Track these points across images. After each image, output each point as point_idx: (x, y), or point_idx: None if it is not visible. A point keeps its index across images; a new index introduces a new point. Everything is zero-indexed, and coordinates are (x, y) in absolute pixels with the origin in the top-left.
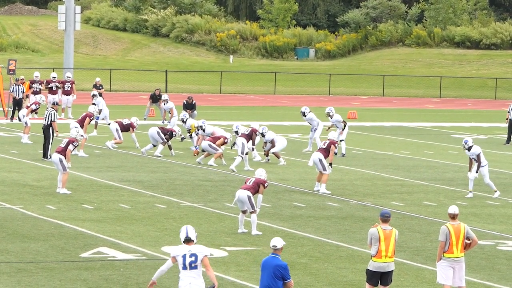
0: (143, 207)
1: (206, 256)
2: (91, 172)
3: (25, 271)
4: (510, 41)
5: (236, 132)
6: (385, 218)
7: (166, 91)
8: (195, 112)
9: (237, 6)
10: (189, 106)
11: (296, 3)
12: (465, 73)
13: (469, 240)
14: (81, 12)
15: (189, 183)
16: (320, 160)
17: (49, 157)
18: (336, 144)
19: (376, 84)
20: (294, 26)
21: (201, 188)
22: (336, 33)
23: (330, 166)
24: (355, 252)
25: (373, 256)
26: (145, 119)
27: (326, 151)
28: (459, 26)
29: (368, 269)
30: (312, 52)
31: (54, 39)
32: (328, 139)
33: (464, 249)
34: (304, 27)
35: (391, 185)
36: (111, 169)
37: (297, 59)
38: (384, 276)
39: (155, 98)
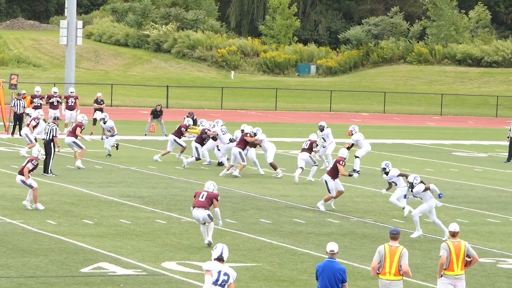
0: (144, 223)
1: (234, 281)
2: (92, 188)
3: (25, 286)
4: None
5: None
6: (393, 235)
7: (167, 107)
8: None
9: (239, 22)
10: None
11: (298, 20)
12: (466, 90)
13: (469, 257)
14: (83, 27)
15: (190, 199)
16: (326, 182)
17: (49, 172)
18: (342, 162)
19: (377, 101)
20: (296, 42)
21: None
22: (337, 49)
23: (351, 175)
24: (355, 269)
25: (379, 273)
26: (145, 135)
27: (334, 171)
28: (460, 43)
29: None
30: (313, 68)
31: (55, 53)
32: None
33: (465, 266)
34: (305, 43)
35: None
36: (112, 185)
37: (298, 75)
38: None
39: (156, 114)
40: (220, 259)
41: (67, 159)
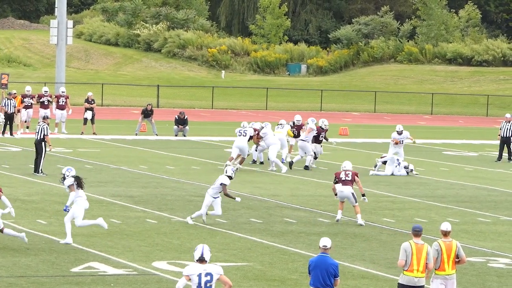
0: (134, 222)
1: (221, 275)
2: None
3: (16, 286)
4: (502, 58)
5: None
6: (416, 232)
7: (158, 106)
8: (187, 127)
9: (229, 21)
10: (181, 122)
11: (289, 19)
12: (457, 89)
13: (458, 258)
14: (73, 27)
15: (180, 198)
16: (353, 194)
17: (40, 172)
18: (358, 175)
19: (367, 100)
20: (286, 42)
21: (192, 204)
22: (328, 49)
23: (363, 197)
24: (345, 268)
25: (405, 270)
26: (136, 134)
27: (352, 182)
28: (451, 42)
29: (399, 283)
30: (303, 67)
31: (46, 53)
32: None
33: None
34: (296, 43)
35: (382, 202)
36: (102, 184)
37: (289, 74)
38: None
39: (147, 113)
40: (201, 260)
41: (58, 159)
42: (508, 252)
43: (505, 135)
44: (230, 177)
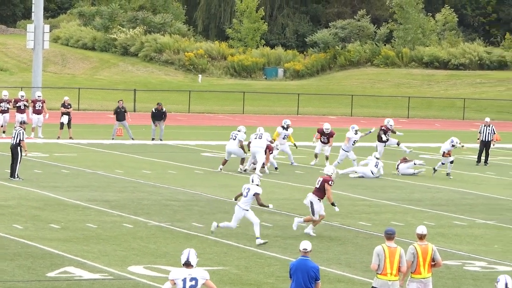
0: (110, 227)
1: (207, 280)
2: (58, 192)
3: None
4: (479, 62)
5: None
6: (389, 236)
7: (134, 110)
8: (163, 125)
9: (206, 25)
10: (159, 115)
11: (265, 23)
12: (433, 93)
13: (433, 261)
14: (50, 31)
15: (157, 202)
16: (312, 204)
17: (16, 177)
18: (330, 182)
19: (344, 104)
20: (263, 45)
21: (169, 208)
22: (304, 53)
23: (334, 206)
24: (321, 272)
25: (378, 273)
26: (112, 139)
27: (320, 191)
28: (427, 46)
29: (373, 286)
30: (280, 71)
31: (22, 57)
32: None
33: None
34: (272, 46)
35: (358, 205)
36: (79, 189)
37: (266, 78)
38: None
39: (120, 112)
40: (187, 264)
41: (34, 163)
42: (484, 255)
43: (485, 139)
44: (258, 185)
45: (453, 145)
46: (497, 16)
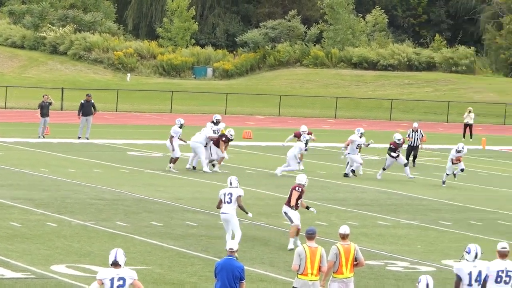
0: (34, 225)
1: (135, 279)
2: None
3: None
4: (407, 63)
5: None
6: (310, 235)
7: (61, 109)
8: (91, 121)
9: (137, 24)
10: (87, 106)
11: (196, 23)
12: (361, 93)
13: (356, 261)
14: None
15: (81, 201)
16: (286, 214)
17: None
18: (298, 188)
19: (272, 104)
20: (193, 45)
21: (93, 207)
22: (234, 52)
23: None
24: (245, 271)
25: (299, 274)
26: (39, 137)
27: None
28: (357, 47)
29: (294, 286)
30: (210, 71)
31: None
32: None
33: None
34: (203, 46)
35: (283, 205)
36: (2, 187)
37: (195, 78)
38: None
39: (44, 106)
40: (115, 263)
41: None
42: (406, 256)
43: (413, 144)
44: (237, 187)
45: (458, 151)
46: (428, 17)
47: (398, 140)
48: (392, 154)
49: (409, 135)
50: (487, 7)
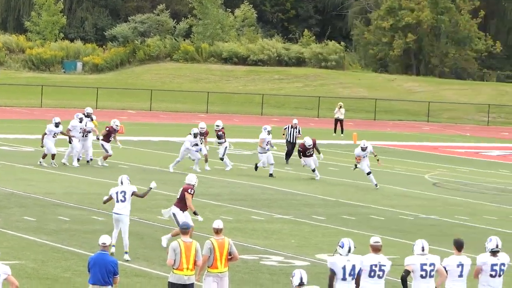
0: None
1: (9, 275)
2: None
3: None
4: (277, 58)
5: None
6: (184, 230)
7: None
8: None
9: (5, 18)
10: None
11: (64, 16)
12: (232, 88)
13: (230, 255)
14: None
15: None
16: (175, 215)
17: None
18: (190, 190)
19: (143, 98)
20: (62, 39)
21: None
22: (104, 47)
23: (197, 215)
24: (119, 266)
25: (175, 269)
26: None
27: (182, 201)
28: (226, 42)
29: (169, 281)
30: (79, 65)
31: None
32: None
33: None
34: (72, 40)
35: (156, 199)
36: None
37: (64, 72)
38: None
39: None
40: None
41: None
42: (280, 250)
43: (292, 140)
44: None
45: (362, 149)
46: (296, 12)
47: (309, 145)
48: (307, 154)
49: (285, 128)
50: (354, 3)
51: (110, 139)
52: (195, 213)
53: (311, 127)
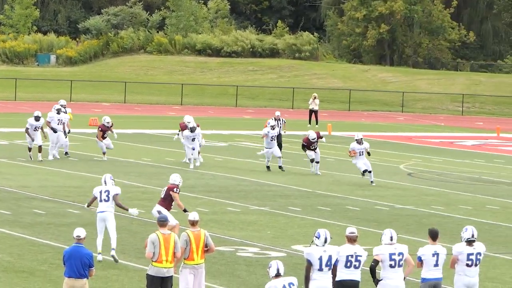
0: None
1: None
2: None
3: None
4: (251, 49)
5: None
6: (161, 223)
7: None
8: None
9: None
10: None
11: (37, 9)
12: (206, 80)
13: (207, 247)
14: None
15: None
16: (159, 212)
17: None
18: (176, 189)
19: (117, 90)
20: (35, 32)
21: None
22: (77, 39)
23: (186, 212)
24: (95, 259)
25: (154, 261)
26: None
27: (166, 201)
28: (200, 34)
29: (148, 274)
30: (53, 58)
31: None
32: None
33: None
34: (45, 33)
35: (132, 192)
36: None
37: (38, 65)
38: (164, 281)
39: None
40: None
41: None
42: (256, 241)
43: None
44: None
45: (357, 141)
46: (269, 4)
47: (313, 139)
48: (311, 148)
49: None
50: None
51: (105, 136)
52: (185, 211)
53: (285, 118)
